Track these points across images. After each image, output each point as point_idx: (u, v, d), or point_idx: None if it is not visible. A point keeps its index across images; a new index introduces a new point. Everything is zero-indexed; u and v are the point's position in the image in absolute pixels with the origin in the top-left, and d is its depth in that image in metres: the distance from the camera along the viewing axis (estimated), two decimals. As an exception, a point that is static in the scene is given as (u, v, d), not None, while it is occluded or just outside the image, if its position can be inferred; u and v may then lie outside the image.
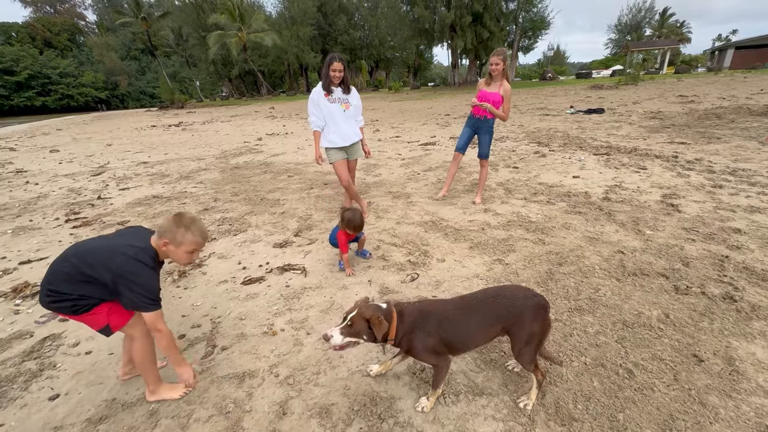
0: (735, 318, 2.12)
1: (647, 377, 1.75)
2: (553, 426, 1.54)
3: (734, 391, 1.65)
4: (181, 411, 1.74)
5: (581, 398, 1.66)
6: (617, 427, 1.52)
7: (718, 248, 2.92)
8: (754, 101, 11.63)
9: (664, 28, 56.35)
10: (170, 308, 2.59)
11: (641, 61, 32.47)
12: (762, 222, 3.32)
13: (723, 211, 3.61)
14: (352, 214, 2.76)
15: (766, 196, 3.93)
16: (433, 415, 1.63)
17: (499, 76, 3.84)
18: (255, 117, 19.44)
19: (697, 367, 1.80)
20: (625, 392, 1.68)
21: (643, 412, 1.58)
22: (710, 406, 1.58)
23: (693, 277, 2.55)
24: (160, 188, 5.94)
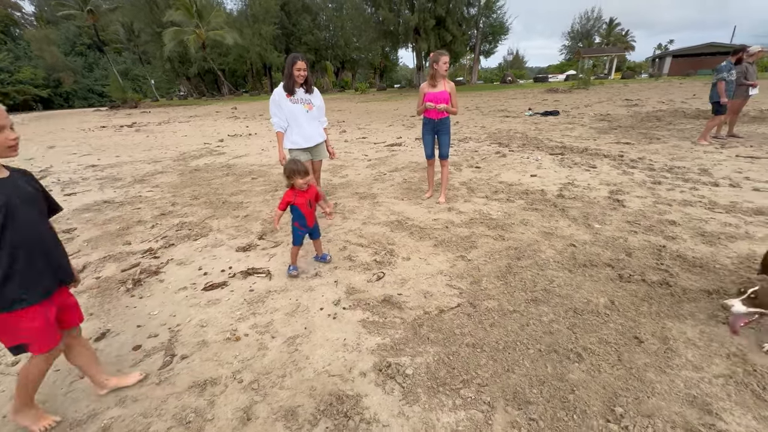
0: (669, 301, 2.33)
1: (595, 359, 1.89)
2: (510, 410, 1.63)
3: (668, 367, 1.82)
4: (137, 425, 1.66)
5: (536, 383, 1.77)
6: (568, 406, 1.63)
7: (656, 239, 3.19)
8: (688, 105, 12.79)
9: (612, 37, 60.56)
10: (124, 318, 2.46)
11: (591, 66, 34.64)
12: (693, 214, 3.67)
13: (661, 205, 3.95)
14: (288, 163, 2.69)
15: (697, 190, 4.34)
16: (398, 410, 1.67)
17: (442, 76, 3.97)
18: (216, 117, 18.73)
19: (637, 347, 1.96)
20: (574, 374, 1.81)
21: (591, 391, 1.71)
22: (648, 382, 1.74)
23: (635, 266, 2.78)
24: (111, 193, 5.59)
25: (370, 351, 2.05)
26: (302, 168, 2.65)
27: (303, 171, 2.65)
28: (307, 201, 2.75)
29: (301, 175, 2.65)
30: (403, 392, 1.76)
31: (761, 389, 1.66)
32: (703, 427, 1.50)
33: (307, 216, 2.78)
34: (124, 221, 4.32)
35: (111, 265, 3.25)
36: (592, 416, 1.58)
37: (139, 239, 3.79)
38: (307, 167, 2.70)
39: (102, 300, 2.70)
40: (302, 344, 2.13)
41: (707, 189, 4.38)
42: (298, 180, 2.65)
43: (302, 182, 2.67)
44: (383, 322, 2.30)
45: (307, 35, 45.18)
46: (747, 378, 1.73)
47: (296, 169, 2.63)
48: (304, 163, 2.71)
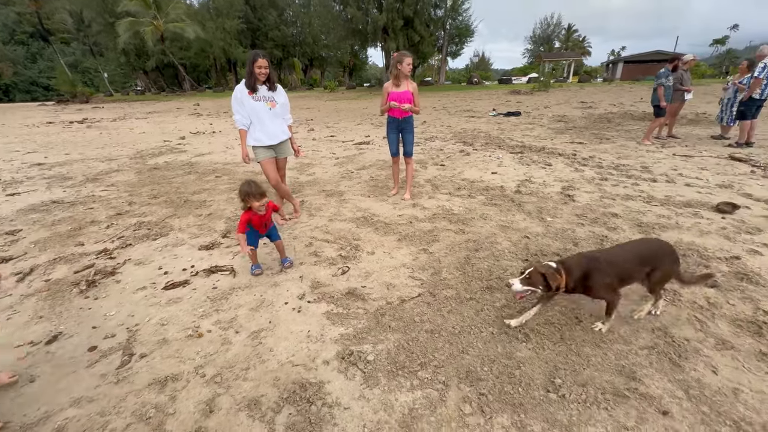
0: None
1: (540, 339, 2.07)
2: (463, 387, 1.76)
3: (602, 342, 2.03)
4: (94, 424, 1.64)
5: (487, 361, 1.92)
6: (514, 381, 1.79)
7: (600, 230, 3.48)
8: (636, 108, 13.80)
9: (570, 42, 63.87)
10: (78, 320, 2.37)
11: (551, 70, 36.38)
12: (633, 207, 4.02)
13: (606, 200, 4.29)
14: (243, 184, 2.59)
15: (638, 186, 4.75)
16: (358, 393, 1.76)
17: (405, 77, 4.10)
18: (177, 114, 17.94)
19: (577, 326, 2.17)
20: (522, 353, 1.97)
21: (535, 366, 1.87)
22: (585, 356, 1.93)
23: (580, 254, 3.02)
24: (60, 192, 5.26)
25: (333, 341, 2.12)
26: (257, 190, 2.56)
27: (258, 193, 2.57)
28: (263, 223, 2.76)
29: (257, 197, 2.56)
30: (364, 377, 1.85)
31: (677, 357, 1.90)
32: (627, 391, 1.70)
33: (259, 230, 2.80)
34: (76, 222, 4.10)
35: (62, 266, 3.09)
36: (534, 388, 1.74)
37: (92, 240, 3.63)
38: (262, 189, 2.61)
39: (53, 303, 2.58)
40: (266, 337, 2.17)
41: (647, 184, 4.80)
42: (255, 203, 2.57)
43: (258, 205, 2.59)
44: (347, 313, 2.37)
45: (274, 31, 44.19)
46: (667, 348, 1.96)
47: (251, 192, 2.55)
48: (259, 185, 2.61)
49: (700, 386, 1.72)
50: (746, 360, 1.87)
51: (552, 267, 1.97)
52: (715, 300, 2.36)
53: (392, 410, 1.66)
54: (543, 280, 1.92)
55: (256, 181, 2.66)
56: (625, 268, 2.02)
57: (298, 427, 1.59)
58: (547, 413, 1.61)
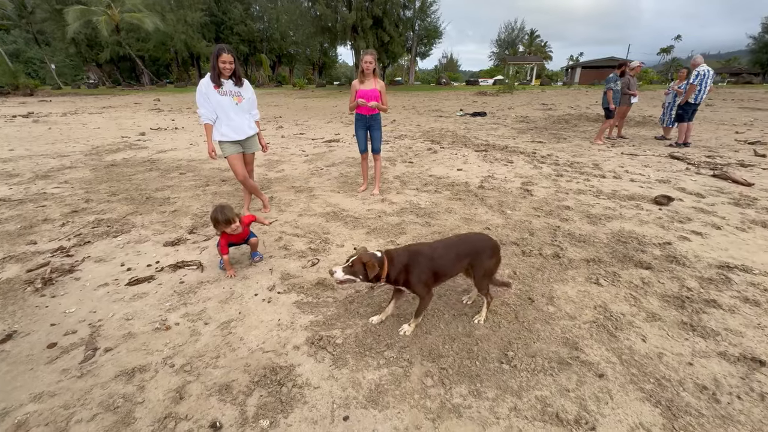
0: (558, 269, 2.82)
1: (497, 318, 2.25)
2: (425, 363, 1.90)
3: (551, 319, 2.24)
4: (57, 416, 1.62)
5: (448, 340, 2.07)
6: (472, 356, 1.95)
7: (554, 221, 3.76)
8: (591, 110, 14.73)
9: (533, 46, 66.61)
10: (34, 319, 2.29)
11: (515, 73, 37.87)
12: (584, 200, 4.36)
13: (560, 194, 4.62)
14: (213, 212, 2.65)
15: (589, 181, 5.14)
16: (328, 374, 1.85)
17: (371, 75, 4.21)
18: (135, 109, 17.04)
19: (530, 306, 2.37)
20: (480, 331, 2.14)
21: (491, 342, 2.04)
22: (535, 331, 2.13)
23: (535, 243, 3.27)
24: (6, 190, 4.92)
25: (303, 327, 2.19)
26: (224, 218, 2.60)
27: (225, 221, 2.60)
28: (242, 238, 2.83)
29: (225, 225, 2.61)
30: (333, 359, 1.94)
31: (614, 329, 2.14)
32: (570, 359, 1.91)
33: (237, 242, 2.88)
34: (26, 220, 3.87)
35: (13, 266, 2.94)
36: (490, 361, 1.91)
37: (46, 238, 3.45)
38: (229, 216, 2.61)
39: (4, 302, 2.46)
40: (236, 327, 2.20)
41: (596, 180, 5.21)
42: (226, 230, 2.64)
43: (231, 230, 2.66)
44: (317, 302, 2.45)
45: (240, 25, 42.86)
46: (606, 322, 2.20)
47: (218, 219, 2.60)
48: (227, 212, 2.61)
49: (631, 352, 1.96)
50: (670, 329, 2.14)
51: (376, 257, 1.92)
52: (649, 280, 2.66)
53: (360, 387, 1.76)
54: (363, 269, 1.87)
55: (225, 206, 2.66)
56: (441, 264, 2.01)
57: (270, 407, 1.65)
58: (500, 381, 1.78)
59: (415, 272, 1.97)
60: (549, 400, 1.67)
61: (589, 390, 1.72)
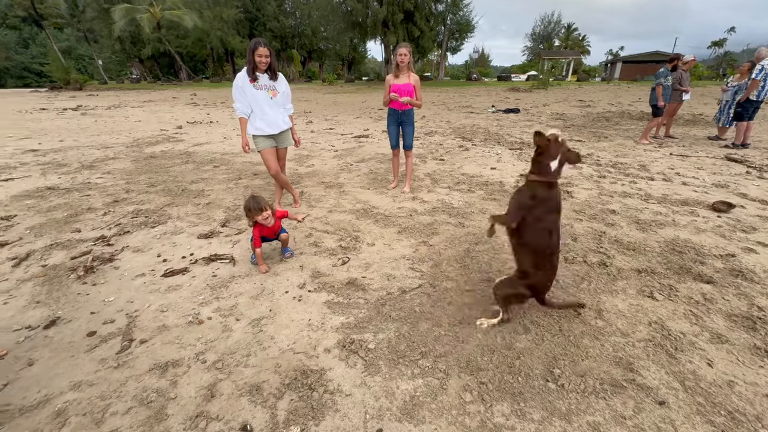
0: (606, 279, 2.60)
1: (539, 330, 2.09)
2: (463, 376, 1.78)
3: (601, 334, 2.06)
4: (94, 407, 1.63)
5: (487, 352, 1.93)
6: (514, 371, 1.81)
7: (598, 226, 3.51)
8: (634, 108, 13.86)
9: (570, 40, 63.80)
10: (76, 306, 2.35)
11: (550, 68, 36.39)
12: (630, 204, 4.05)
13: (604, 197, 4.32)
14: (246, 201, 2.61)
15: (635, 184, 4.78)
16: (360, 381, 1.77)
17: (406, 68, 4.08)
18: (173, 103, 17.72)
19: (576, 319, 2.19)
20: (521, 344, 1.99)
21: (534, 357, 1.89)
22: (583, 348, 1.96)
23: (578, 249, 3.05)
24: (55, 179, 5.20)
25: (334, 329, 2.12)
26: (257, 206, 2.56)
27: (258, 209, 2.56)
28: (274, 232, 2.79)
29: (257, 212, 2.57)
30: (365, 365, 1.86)
31: (674, 350, 1.93)
32: (625, 382, 1.73)
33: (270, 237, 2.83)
34: (72, 208, 4.05)
35: (59, 252, 3.06)
36: (534, 378, 1.76)
37: (89, 227, 3.59)
38: (262, 204, 2.58)
39: (50, 288, 2.56)
40: (267, 325, 2.17)
41: (644, 182, 4.84)
42: (258, 218, 2.59)
43: (262, 218, 2.60)
44: (348, 303, 2.38)
45: (272, 21, 43.64)
46: (663, 341, 1.99)
47: (251, 207, 2.56)
48: (259, 200, 2.59)
49: (695, 378, 1.75)
50: (740, 353, 1.90)
51: None
52: (711, 295, 2.40)
53: (393, 397, 1.67)
54: None
55: (258, 196, 2.63)
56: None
57: (300, 412, 1.60)
58: (546, 402, 1.63)
59: None
60: (603, 427, 1.51)
61: (648, 419, 1.55)
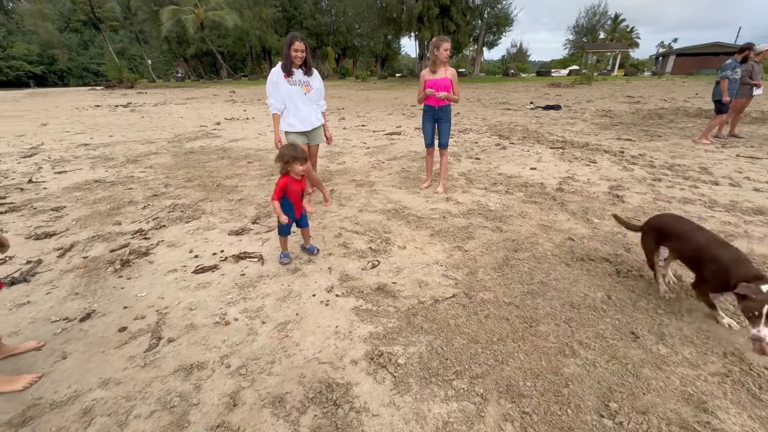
0: (667, 298, 2.30)
1: (590, 354, 1.86)
2: (503, 403, 1.60)
3: (664, 363, 1.79)
4: (119, 408, 1.61)
5: (530, 375, 1.74)
6: (562, 401, 1.60)
7: (655, 235, 3.15)
8: (690, 104, 12.71)
9: (616, 33, 59.92)
10: (111, 299, 2.39)
11: (595, 62, 34.36)
12: (693, 212, 3.63)
13: (661, 202, 3.91)
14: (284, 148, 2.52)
15: (696, 188, 4.30)
16: (388, 399, 1.63)
17: (443, 63, 3.87)
18: (213, 100, 18.42)
19: (633, 343, 1.93)
20: (569, 369, 1.77)
21: (585, 386, 1.67)
22: (644, 379, 1.71)
23: (633, 261, 2.74)
24: (102, 172, 5.47)
25: (362, 339, 2.00)
26: (302, 154, 2.52)
27: (303, 157, 2.52)
28: (300, 190, 2.66)
29: (301, 161, 2.51)
30: (394, 382, 1.72)
31: (757, 389, 1.64)
32: (698, 425, 1.48)
33: (295, 205, 2.67)
34: (115, 201, 4.22)
35: (100, 244, 3.17)
36: (586, 411, 1.55)
37: (129, 220, 3.71)
38: (306, 154, 2.57)
39: (89, 280, 2.63)
40: (293, 330, 2.08)
41: (707, 187, 4.35)
42: (297, 167, 2.50)
43: (301, 170, 2.54)
44: (377, 310, 2.25)
45: (309, 19, 44.36)
46: (743, 377, 1.70)
47: (296, 156, 2.48)
48: (299, 149, 2.55)
49: (788, 427, 1.47)
50: None
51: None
52: (800, 324, 2.04)
53: (425, 422, 1.52)
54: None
55: (297, 145, 2.57)
56: None
57: (324, 430, 1.49)
58: (602, 442, 1.42)
59: None
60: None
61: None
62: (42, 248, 3.11)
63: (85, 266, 2.80)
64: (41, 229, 3.49)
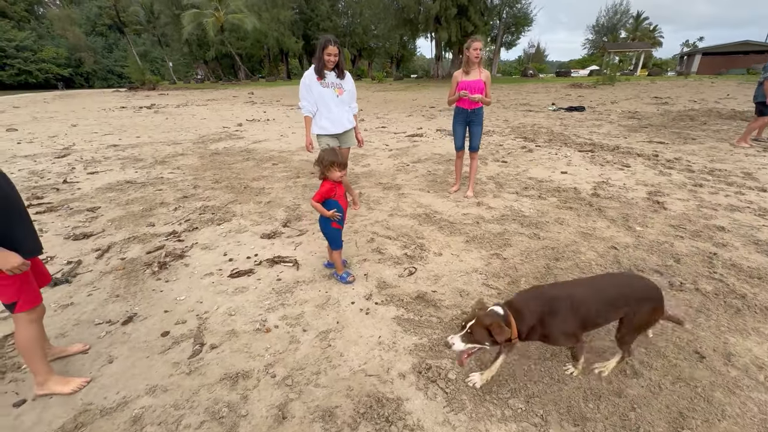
0: (730, 314, 2.16)
1: (653, 375, 1.75)
2: (566, 426, 1.51)
3: (737, 387, 1.67)
4: (169, 416, 1.59)
5: (591, 397, 1.64)
6: (629, 425, 1.50)
7: (705, 245, 2.99)
8: (722, 105, 12.20)
9: (638, 32, 58.30)
10: (151, 302, 2.40)
11: (618, 62, 33.49)
12: (742, 220, 3.44)
13: (706, 209, 3.72)
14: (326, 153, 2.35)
15: (743, 195, 4.08)
16: (443, 418, 1.56)
17: (476, 64, 3.78)
18: (233, 102, 18.69)
19: (699, 364, 1.81)
20: (633, 390, 1.67)
21: (653, 410, 1.57)
22: (716, 404, 1.59)
23: (685, 273, 2.60)
24: (133, 173, 5.57)
25: (407, 351, 1.94)
26: (342, 160, 2.39)
27: (343, 163, 2.40)
28: (344, 194, 2.55)
29: (340, 167, 2.38)
30: (446, 398, 1.65)
31: None
32: (787, 459, 1.36)
33: (345, 211, 2.54)
34: (147, 202, 4.28)
35: (135, 246, 3.20)
36: (658, 438, 1.45)
37: (162, 221, 3.74)
38: (345, 160, 2.48)
39: (128, 282, 2.65)
40: (335, 339, 2.04)
41: (754, 194, 4.12)
42: (336, 173, 2.37)
43: (339, 175, 2.40)
44: (419, 320, 2.18)
45: (326, 21, 44.64)
46: (829, 405, 1.56)
47: (336, 161, 2.34)
48: (339, 154, 2.42)
49: None
50: None
51: (498, 315, 1.52)
52: None
53: (484, 444, 1.45)
54: (488, 334, 1.46)
55: (338, 150, 2.46)
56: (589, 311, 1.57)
57: (379, 450, 1.43)
58: (681, 474, 1.32)
59: (556, 323, 1.53)
60: None
61: None
62: (81, 249, 3.16)
63: (123, 268, 2.82)
64: (78, 229, 3.55)
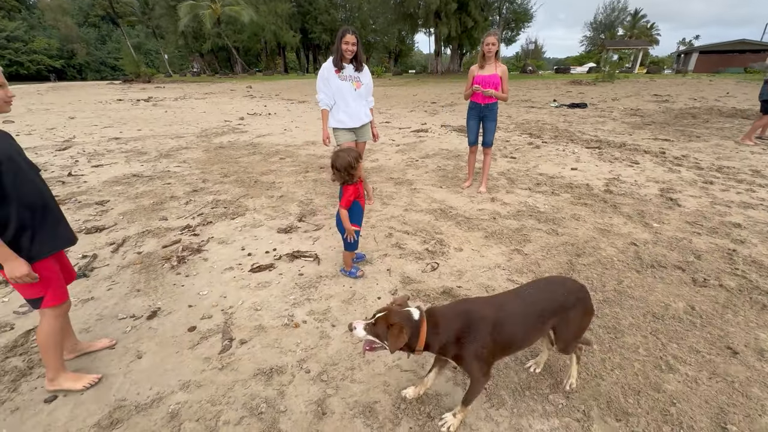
0: (757, 310, 2.17)
1: (689, 370, 1.75)
2: (609, 421, 1.50)
3: (773, 382, 1.68)
4: (206, 412, 1.57)
5: (630, 392, 1.64)
6: (671, 420, 1.50)
7: (723, 242, 3.00)
8: (722, 103, 12.27)
9: (636, 29, 58.41)
10: (173, 297, 2.36)
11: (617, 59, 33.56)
12: (757, 218, 3.46)
13: (719, 206, 3.74)
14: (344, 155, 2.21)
15: (755, 192, 4.11)
16: (484, 413, 1.55)
17: (493, 58, 3.75)
18: (232, 96, 18.49)
19: (733, 359, 1.82)
20: (671, 385, 1.67)
21: (693, 405, 1.57)
22: (755, 399, 1.60)
23: (708, 269, 2.61)
24: (138, 166, 5.48)
25: (440, 346, 1.92)
26: (357, 156, 2.27)
27: (360, 156, 2.30)
28: (364, 192, 2.47)
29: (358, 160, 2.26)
30: (486, 394, 1.64)
31: None
32: (832, 454, 1.36)
33: (363, 209, 2.49)
34: (157, 196, 4.21)
35: (151, 240, 3.15)
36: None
37: (174, 215, 3.69)
38: (358, 153, 2.38)
39: (147, 276, 2.60)
40: (366, 335, 2.02)
41: (765, 191, 4.15)
42: (360, 170, 2.28)
43: (358, 173, 2.31)
44: (448, 315, 2.17)
45: (324, 15, 44.16)
46: None
47: (356, 158, 2.23)
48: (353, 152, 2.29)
49: None
50: None
51: (409, 318, 1.34)
52: None
53: (530, 439, 1.44)
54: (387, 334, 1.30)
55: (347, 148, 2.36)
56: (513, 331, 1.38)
57: (424, 445, 1.42)
58: (730, 469, 1.32)
59: (470, 345, 1.33)
60: None
61: None
62: (95, 242, 3.10)
63: (140, 262, 2.78)
64: (90, 223, 3.49)
